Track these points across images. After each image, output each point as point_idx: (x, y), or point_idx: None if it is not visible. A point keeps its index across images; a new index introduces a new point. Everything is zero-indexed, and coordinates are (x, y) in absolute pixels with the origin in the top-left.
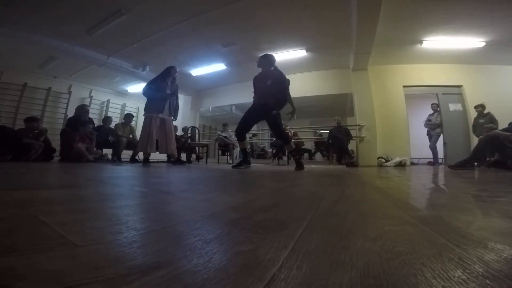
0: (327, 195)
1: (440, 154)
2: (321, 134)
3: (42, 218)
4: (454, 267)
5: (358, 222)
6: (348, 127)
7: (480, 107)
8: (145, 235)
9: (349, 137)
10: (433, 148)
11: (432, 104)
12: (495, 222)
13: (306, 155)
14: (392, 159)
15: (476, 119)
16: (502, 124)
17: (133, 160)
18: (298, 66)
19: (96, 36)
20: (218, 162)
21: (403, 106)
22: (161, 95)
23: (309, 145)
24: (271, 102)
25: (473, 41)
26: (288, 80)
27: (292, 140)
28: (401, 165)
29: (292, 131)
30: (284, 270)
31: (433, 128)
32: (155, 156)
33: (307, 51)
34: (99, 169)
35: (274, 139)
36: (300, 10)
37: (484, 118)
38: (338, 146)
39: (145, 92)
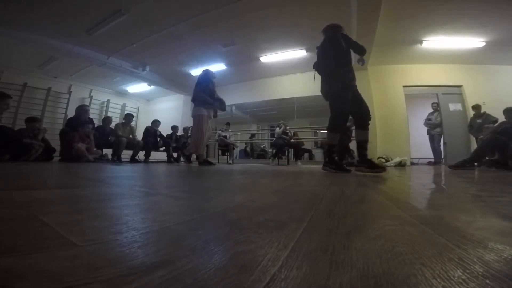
0: (327, 195)
1: (440, 154)
2: None
3: (42, 218)
4: (454, 267)
5: (358, 222)
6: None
7: (477, 107)
8: (145, 235)
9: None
10: (437, 148)
11: (433, 103)
12: (495, 222)
13: (306, 155)
14: (392, 159)
15: (472, 119)
16: None
17: (133, 160)
18: (298, 66)
19: (96, 36)
20: (218, 162)
21: (403, 106)
22: (220, 104)
23: (308, 145)
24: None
25: (473, 41)
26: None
27: (292, 140)
28: (401, 165)
29: (292, 131)
30: (284, 270)
31: (433, 128)
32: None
33: (307, 51)
34: (99, 169)
35: (274, 139)
36: (300, 10)
37: (481, 118)
38: (340, 146)
39: (200, 96)
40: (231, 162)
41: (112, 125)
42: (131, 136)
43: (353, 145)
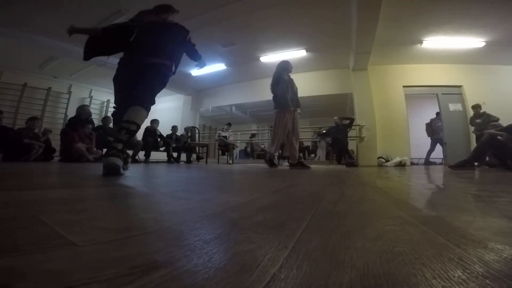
0: (327, 195)
1: (440, 154)
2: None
3: (42, 218)
4: (454, 267)
5: (358, 222)
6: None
7: (477, 107)
8: (145, 235)
9: (351, 122)
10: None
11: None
12: (495, 222)
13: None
14: (392, 159)
15: (472, 118)
16: (501, 123)
17: (133, 160)
18: (298, 66)
19: None
20: (218, 162)
21: (403, 106)
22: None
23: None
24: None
25: (473, 41)
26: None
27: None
28: (401, 165)
29: None
30: (284, 270)
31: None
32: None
33: (307, 51)
34: (99, 169)
35: None
36: (300, 10)
37: (481, 118)
38: (338, 146)
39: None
40: (231, 162)
41: (112, 125)
42: None
43: (352, 145)
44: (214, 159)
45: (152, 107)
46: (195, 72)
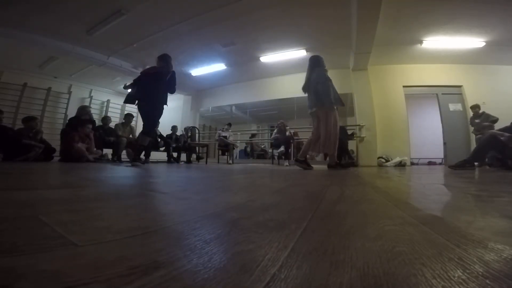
0: (327, 195)
1: (440, 154)
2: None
3: (42, 218)
4: (454, 267)
5: (358, 222)
6: (348, 127)
7: (476, 108)
8: (145, 235)
9: (348, 136)
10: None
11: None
12: (495, 222)
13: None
14: (392, 159)
15: (471, 119)
16: (501, 123)
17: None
18: (298, 66)
19: (96, 36)
20: (218, 162)
21: (403, 106)
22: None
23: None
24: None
25: (473, 41)
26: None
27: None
28: (401, 165)
29: (293, 131)
30: (284, 270)
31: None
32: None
33: (307, 51)
34: (99, 169)
35: (274, 140)
36: (300, 10)
37: (480, 118)
38: (338, 146)
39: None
40: (231, 162)
41: (112, 125)
42: (131, 136)
43: (352, 145)
44: (214, 159)
45: None
46: (195, 71)
